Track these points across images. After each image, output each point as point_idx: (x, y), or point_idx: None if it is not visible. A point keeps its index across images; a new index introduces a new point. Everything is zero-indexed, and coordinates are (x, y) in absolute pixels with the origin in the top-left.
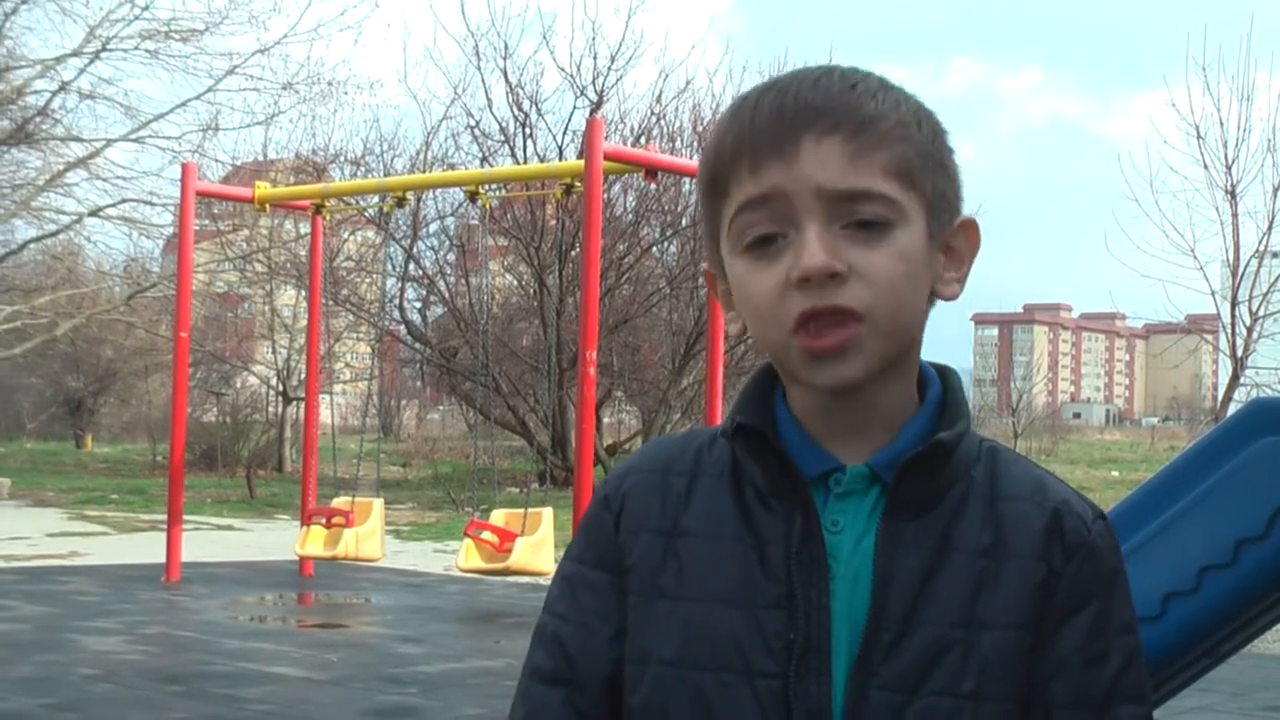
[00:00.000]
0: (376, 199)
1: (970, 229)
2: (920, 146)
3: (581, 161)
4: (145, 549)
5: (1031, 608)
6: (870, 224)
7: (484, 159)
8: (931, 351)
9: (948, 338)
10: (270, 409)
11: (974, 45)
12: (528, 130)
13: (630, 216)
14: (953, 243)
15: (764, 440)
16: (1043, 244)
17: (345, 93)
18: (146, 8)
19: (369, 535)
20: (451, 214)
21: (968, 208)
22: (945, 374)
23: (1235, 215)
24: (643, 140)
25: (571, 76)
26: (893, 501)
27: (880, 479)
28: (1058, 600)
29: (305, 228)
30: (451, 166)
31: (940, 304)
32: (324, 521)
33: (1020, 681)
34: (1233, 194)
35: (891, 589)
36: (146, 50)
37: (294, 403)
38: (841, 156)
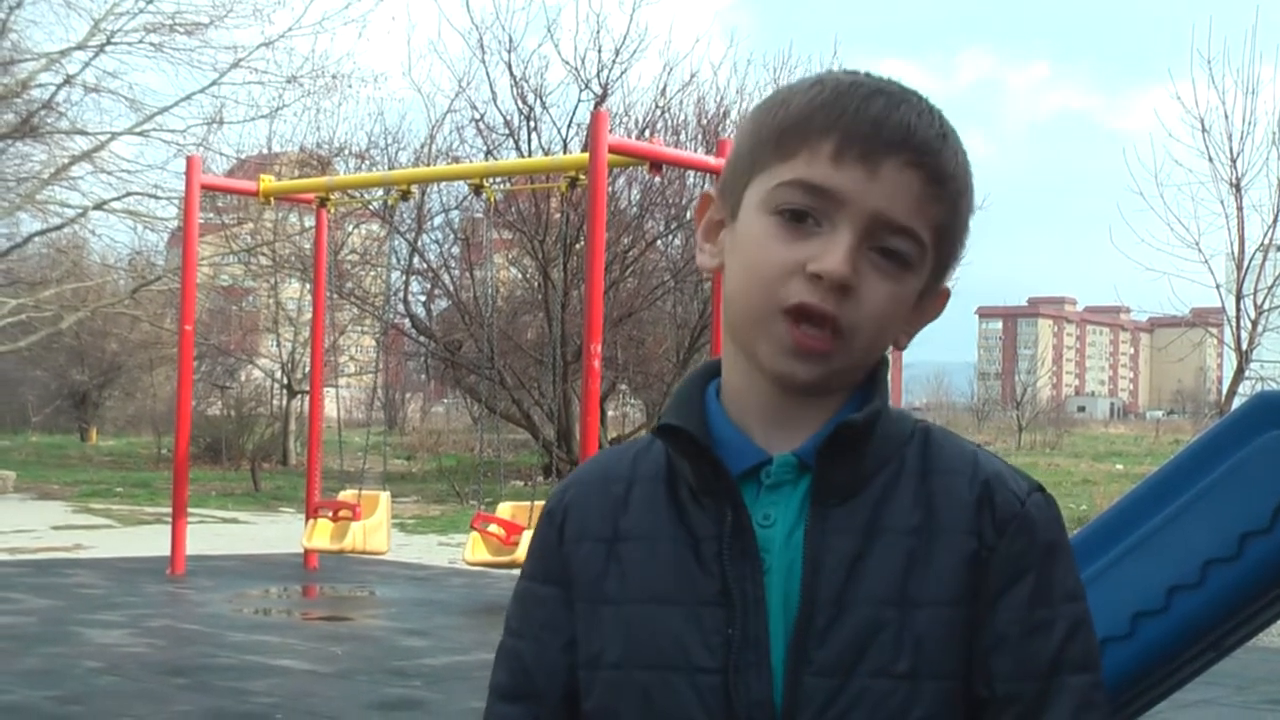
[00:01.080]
0: (381, 192)
1: (944, 297)
2: (962, 216)
3: (586, 154)
4: (150, 542)
5: (964, 582)
6: (894, 257)
7: (488, 152)
8: (935, 345)
9: (952, 331)
10: (275, 402)
11: (982, 38)
12: (532, 123)
13: (635, 209)
14: (924, 302)
15: (691, 439)
16: (1047, 237)
17: (350, 86)
18: (151, 1)
19: (374, 528)
20: (456, 207)
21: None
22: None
23: (1240, 208)
24: (647, 133)
25: (576, 69)
26: (818, 487)
27: (809, 467)
28: (992, 574)
29: (310, 221)
30: (456, 160)
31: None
32: (329, 515)
33: (958, 659)
34: (1238, 187)
35: (821, 575)
36: (151, 43)
37: (299, 396)
38: (913, 194)
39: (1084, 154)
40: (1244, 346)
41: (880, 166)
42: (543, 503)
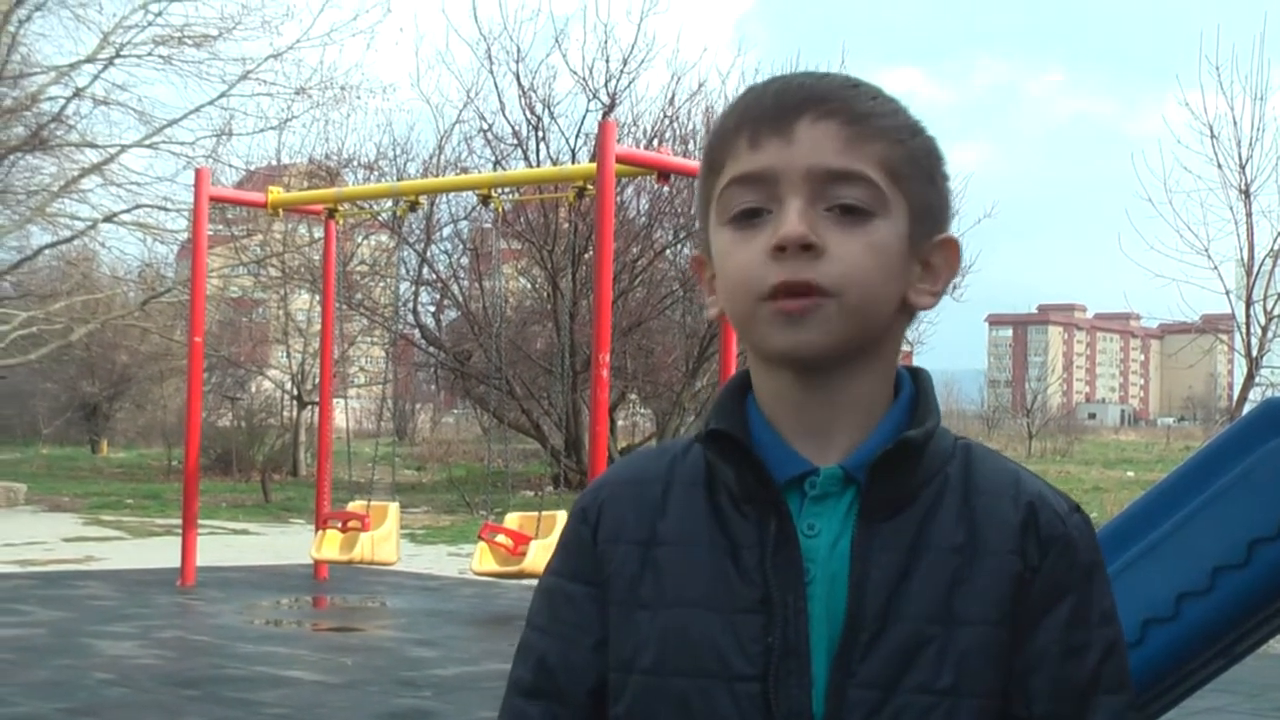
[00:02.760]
0: (390, 203)
1: (951, 248)
2: (912, 154)
3: (594, 164)
4: (160, 553)
5: (1008, 603)
6: (852, 210)
7: (497, 162)
8: (945, 353)
9: (961, 339)
10: (285, 413)
11: (992, 46)
12: (540, 133)
13: (643, 219)
14: (932, 259)
15: (737, 445)
16: (1056, 244)
17: (358, 97)
18: (160, 14)
19: (384, 539)
20: (465, 217)
21: (980, 208)
22: (917, 374)
23: (1250, 214)
24: (655, 143)
25: (584, 79)
26: (866, 502)
27: (854, 480)
28: (1034, 594)
29: (319, 232)
30: (464, 170)
31: (954, 305)
32: (339, 525)
33: (999, 678)
34: (1247, 193)
35: (867, 589)
36: (160, 56)
37: (308, 407)
38: (836, 139)
39: (1093, 161)
40: (1254, 353)
41: (793, 130)
42: (551, 513)
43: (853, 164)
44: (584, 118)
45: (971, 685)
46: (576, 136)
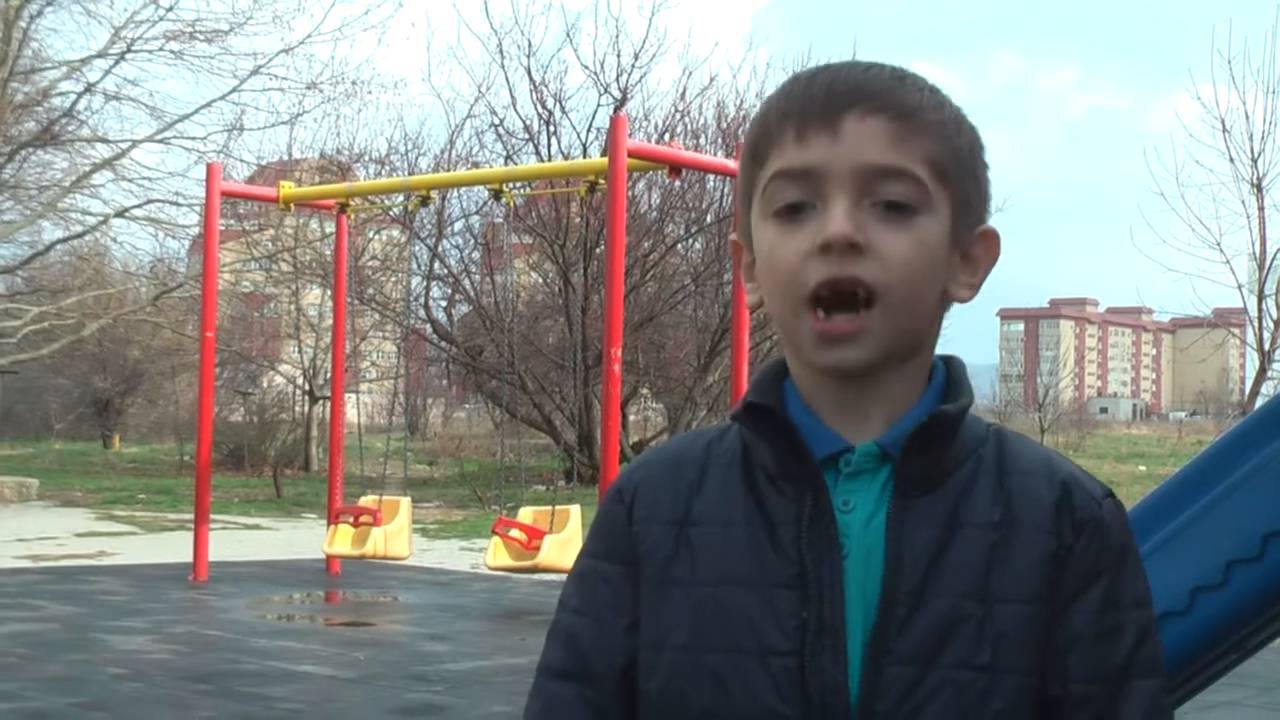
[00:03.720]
0: (401, 198)
1: (991, 239)
2: (957, 149)
3: (605, 159)
4: (173, 549)
5: (1044, 581)
6: (898, 207)
7: (508, 157)
8: (958, 346)
9: (974, 333)
10: (296, 408)
11: (1007, 39)
12: (552, 128)
13: (655, 213)
14: (972, 250)
15: (774, 420)
16: (1068, 238)
17: (369, 92)
18: (171, 9)
19: (396, 534)
20: (476, 212)
21: (993, 203)
22: (950, 361)
23: (1262, 209)
24: (666, 137)
25: (595, 74)
26: (902, 478)
27: (890, 457)
28: (1069, 574)
29: (330, 227)
30: (476, 165)
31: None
32: (351, 520)
33: (1036, 655)
34: (1259, 187)
35: (904, 564)
36: (171, 51)
37: (320, 402)
38: (883, 136)
39: (1105, 155)
40: (1266, 347)
41: (840, 125)
42: (564, 507)
43: (900, 161)
44: (595, 112)
45: (1009, 662)
46: (588, 131)
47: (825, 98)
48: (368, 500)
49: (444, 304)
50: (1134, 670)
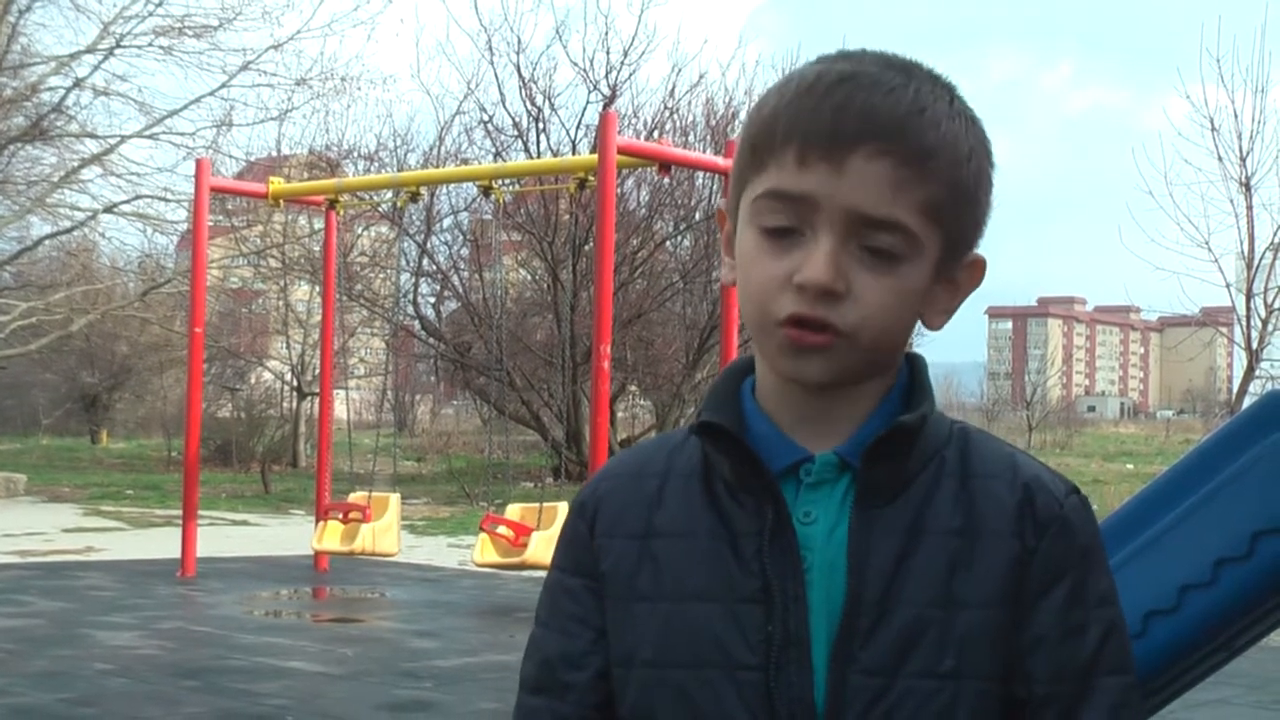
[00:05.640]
0: (390, 194)
1: (977, 267)
2: (961, 183)
3: (595, 156)
4: (161, 544)
5: (1007, 585)
6: (883, 253)
7: (497, 154)
8: (945, 345)
9: (961, 331)
10: (285, 404)
11: (997, 38)
12: (541, 125)
13: (644, 211)
14: (957, 276)
15: (730, 435)
16: (1056, 237)
17: (358, 88)
18: (160, 4)
19: (384, 530)
20: (465, 209)
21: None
22: (913, 361)
23: (1250, 208)
24: (656, 134)
25: (584, 71)
26: (863, 488)
27: (850, 466)
28: (1033, 576)
29: (319, 223)
30: (465, 161)
31: None
32: (339, 516)
33: (1000, 661)
34: (1247, 186)
35: (867, 575)
36: (160, 46)
37: (308, 398)
38: (885, 183)
39: (1094, 154)
40: (1254, 345)
41: (846, 161)
42: (552, 504)
43: (894, 213)
44: (584, 109)
45: (974, 668)
46: (577, 128)
47: (834, 125)
48: (356, 496)
49: (432, 300)
50: (1099, 668)
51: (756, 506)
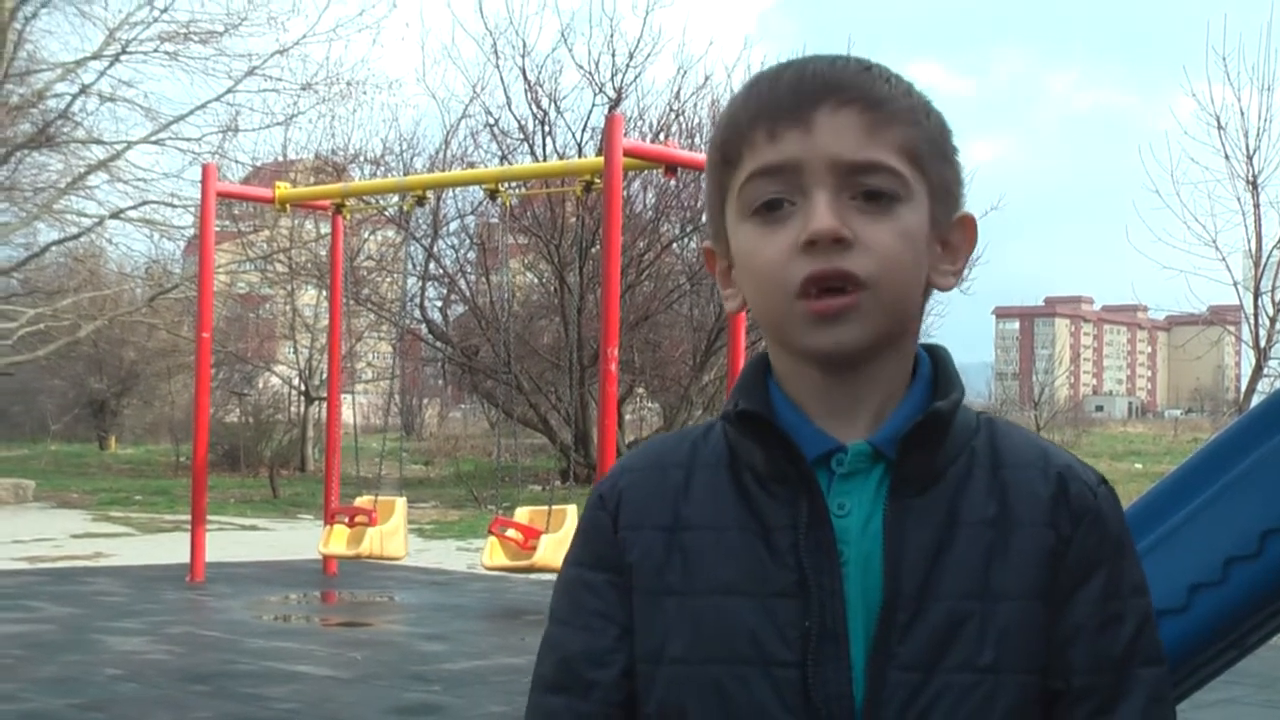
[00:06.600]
0: (396, 198)
1: (968, 225)
2: (929, 134)
3: (601, 158)
4: (169, 549)
5: (1043, 575)
6: (877, 197)
7: (503, 157)
8: (952, 345)
9: (969, 331)
10: (292, 409)
11: (1006, 39)
12: (547, 128)
13: (650, 213)
14: (951, 237)
15: (765, 423)
16: (1064, 237)
17: (364, 92)
18: (165, 10)
19: (392, 534)
20: (471, 212)
21: (988, 201)
22: (934, 351)
23: (1257, 206)
24: (662, 136)
25: (590, 73)
26: (897, 478)
27: (883, 456)
28: (1068, 566)
29: (326, 227)
30: (471, 165)
31: (961, 298)
32: (347, 520)
33: (1038, 653)
34: (1254, 184)
35: (903, 568)
36: (166, 52)
37: (316, 402)
38: (857, 128)
39: (1101, 154)
40: (1262, 344)
41: (812, 119)
42: (561, 507)
43: (875, 154)
44: (590, 112)
45: (1013, 661)
46: (583, 131)
47: (794, 93)
48: (363, 500)
49: (439, 304)
50: (1136, 659)
51: (790, 498)
